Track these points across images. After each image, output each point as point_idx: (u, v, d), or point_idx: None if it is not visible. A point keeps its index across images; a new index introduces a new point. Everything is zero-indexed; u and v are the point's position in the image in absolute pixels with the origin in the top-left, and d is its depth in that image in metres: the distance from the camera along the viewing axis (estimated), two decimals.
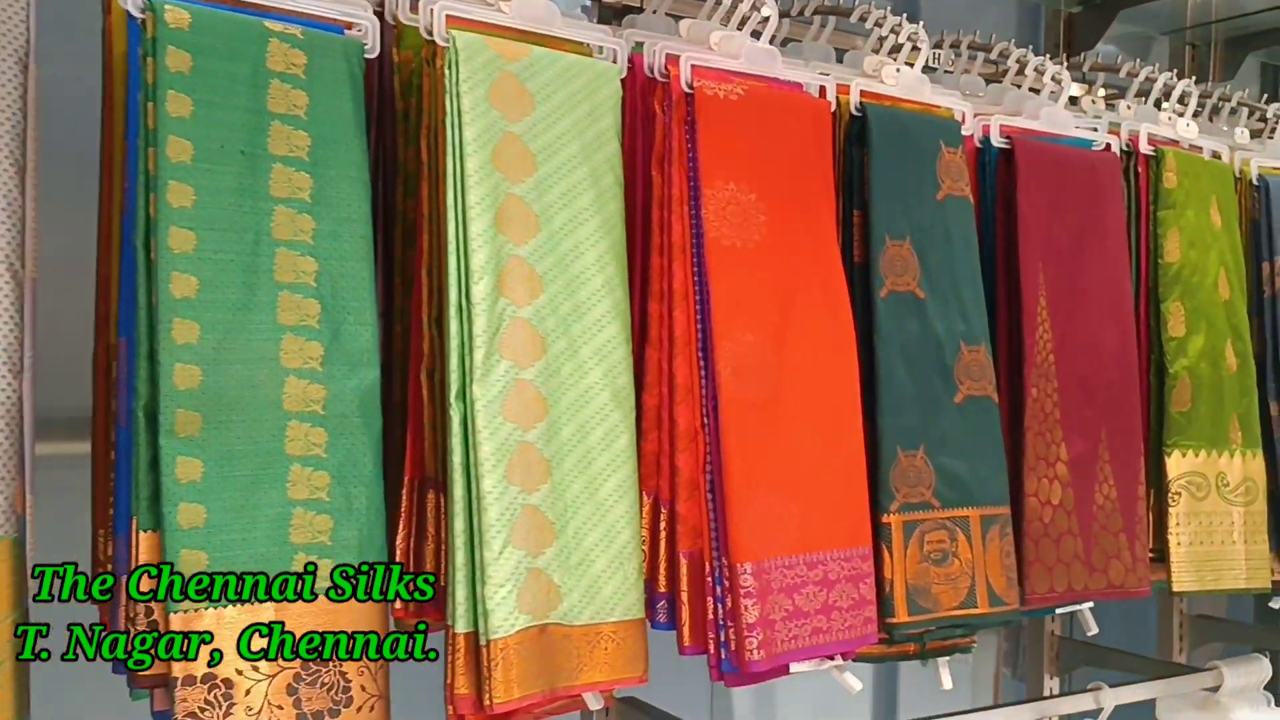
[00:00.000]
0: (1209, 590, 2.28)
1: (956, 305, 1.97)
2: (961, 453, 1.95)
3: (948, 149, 2.00)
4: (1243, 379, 2.36)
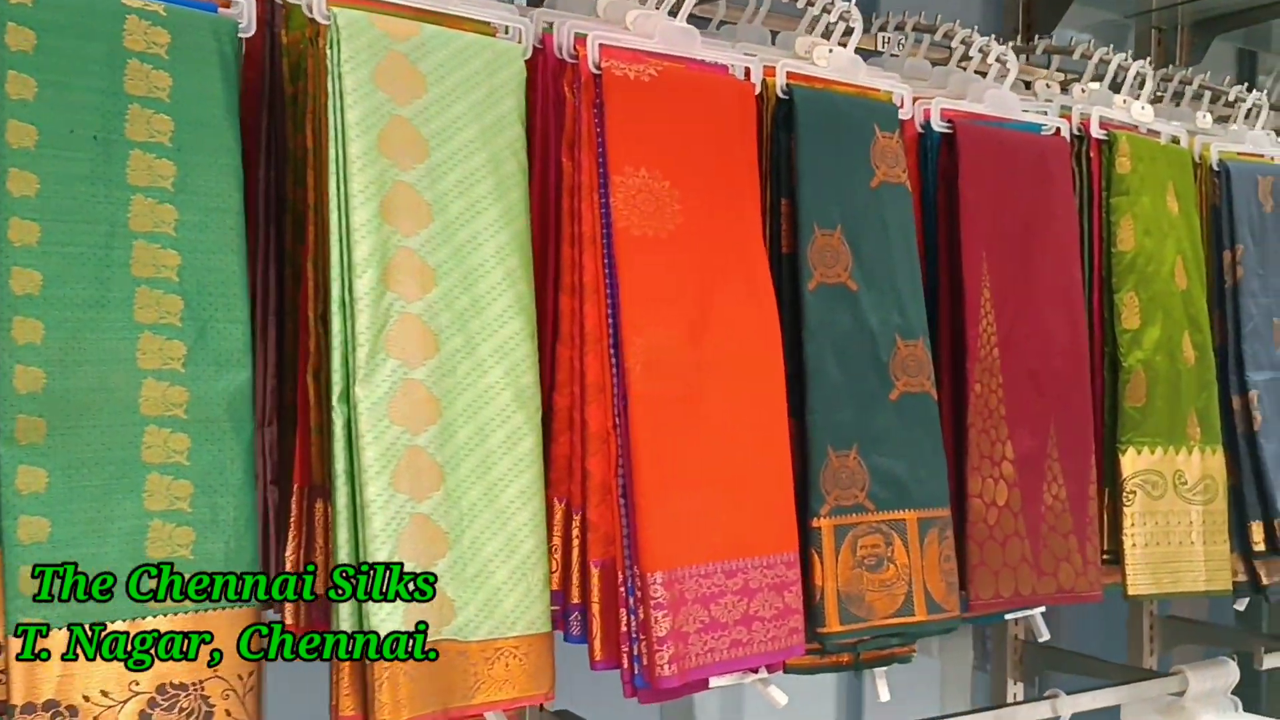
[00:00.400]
0: (1166, 593, 2.19)
1: (892, 297, 1.88)
2: (898, 452, 1.85)
3: (883, 133, 1.91)
4: (1201, 372, 2.26)
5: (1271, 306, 2.42)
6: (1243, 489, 2.35)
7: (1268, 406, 2.37)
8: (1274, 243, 2.45)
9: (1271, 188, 2.45)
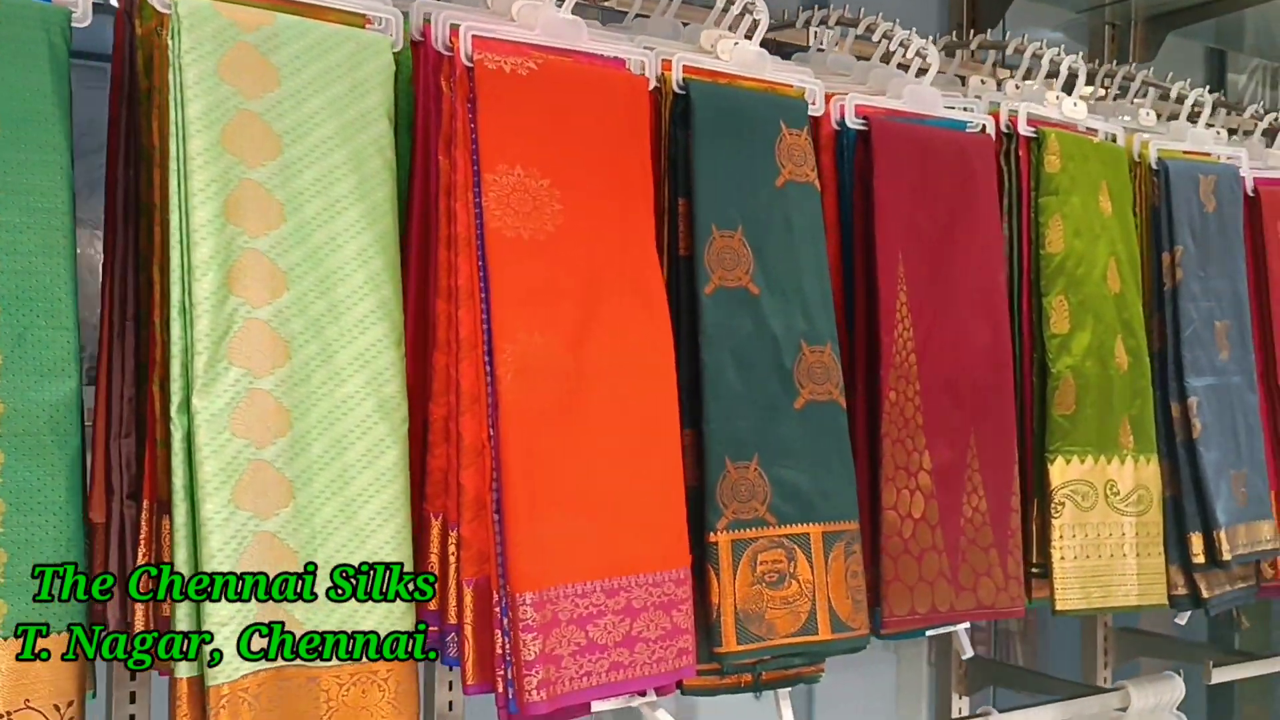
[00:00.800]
0: (1096, 608, 2.10)
1: (798, 302, 1.80)
2: (802, 463, 1.77)
3: (790, 130, 1.83)
4: (1135, 378, 2.18)
5: (1213, 310, 2.34)
6: (1182, 500, 2.27)
7: (1208, 414, 2.28)
8: (1216, 244, 2.36)
9: (1214, 187, 2.37)
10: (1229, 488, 2.30)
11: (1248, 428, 2.37)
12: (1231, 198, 2.41)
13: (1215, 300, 2.34)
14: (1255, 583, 2.41)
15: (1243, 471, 2.34)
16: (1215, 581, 2.30)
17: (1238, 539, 2.30)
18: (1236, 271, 2.40)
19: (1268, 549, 2.37)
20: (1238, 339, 2.38)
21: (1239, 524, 2.31)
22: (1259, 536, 2.35)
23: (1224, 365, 2.35)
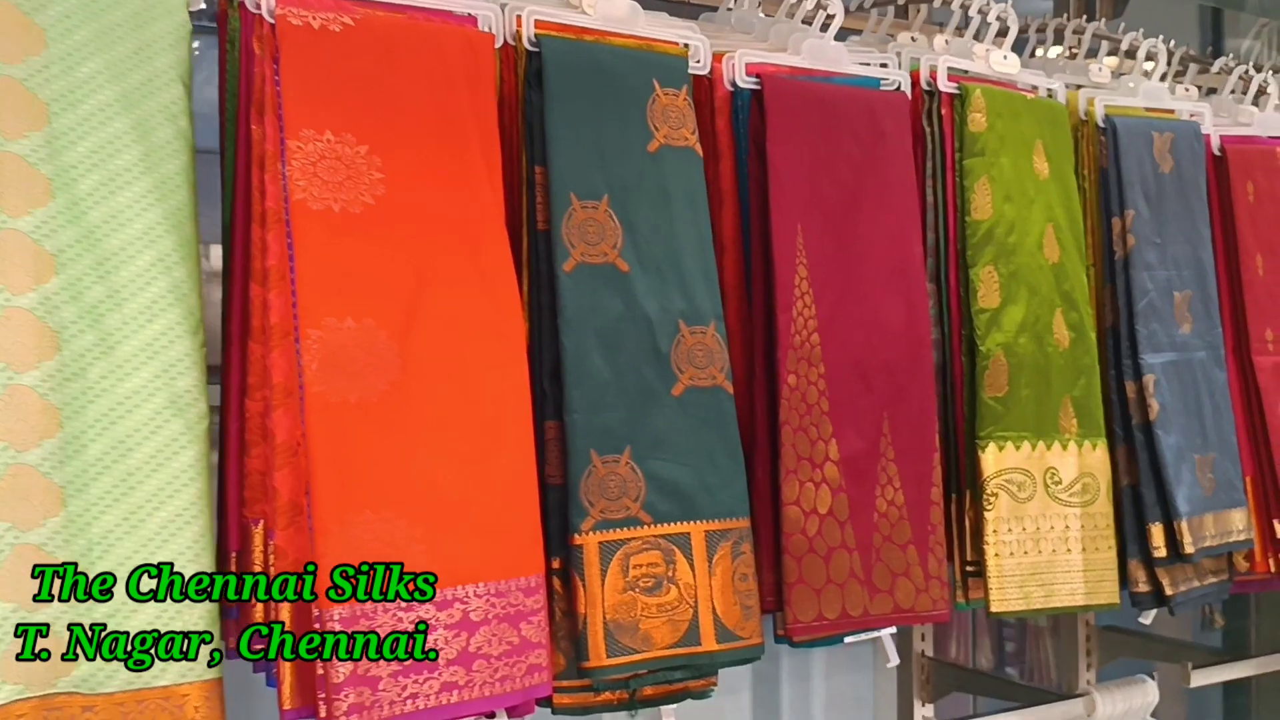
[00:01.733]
0: (1037, 610, 1.91)
1: (675, 278, 1.63)
2: (682, 455, 1.60)
3: (665, 90, 1.66)
4: (1077, 356, 1.99)
5: (1172, 279, 2.14)
6: (1140, 488, 2.08)
7: (1167, 393, 2.09)
8: (1175, 207, 2.17)
9: (1171, 146, 2.17)
10: (1192, 474, 2.10)
11: (1214, 407, 2.17)
12: (1192, 157, 2.21)
13: (1174, 268, 2.15)
14: (1228, 577, 2.20)
15: (1209, 456, 2.14)
16: (1180, 577, 2.11)
17: (1204, 530, 2.10)
18: (1198, 237, 2.19)
19: (1239, 540, 2.17)
20: (1201, 310, 2.18)
21: (1205, 513, 2.11)
22: (1229, 527, 2.15)
23: (1185, 339, 2.15)
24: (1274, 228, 2.32)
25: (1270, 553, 2.25)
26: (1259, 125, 2.38)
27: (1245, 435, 2.26)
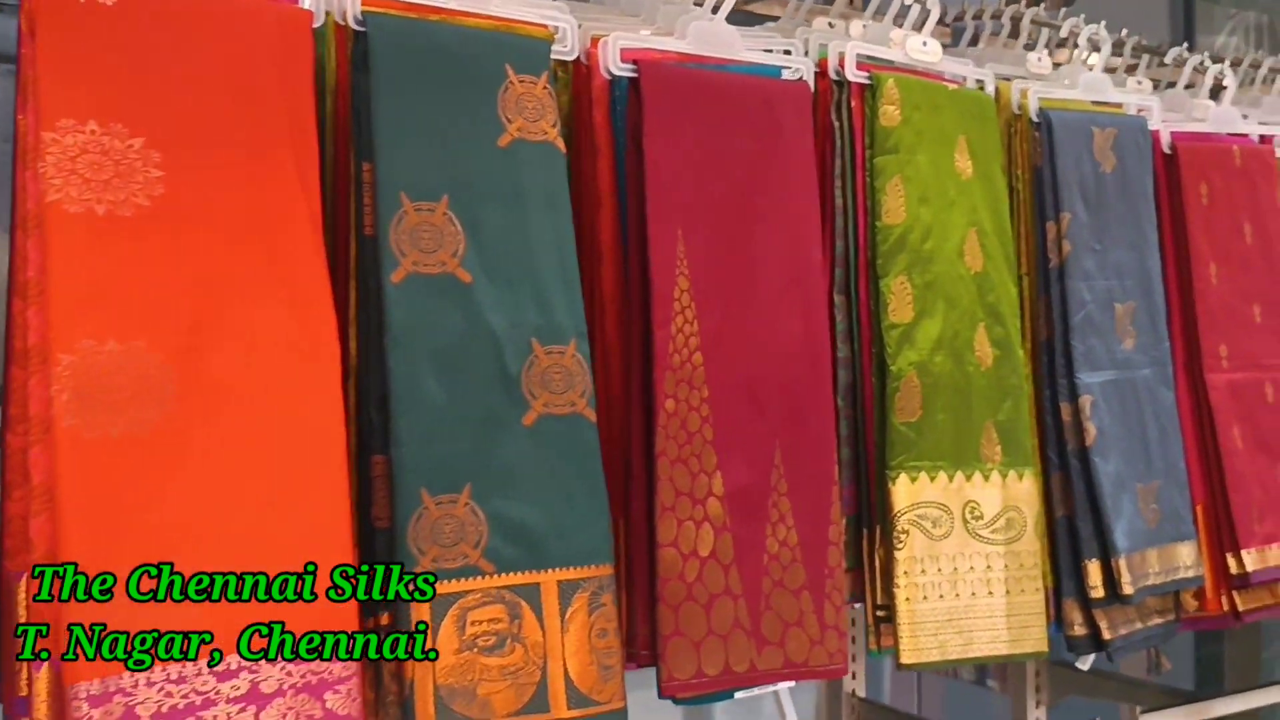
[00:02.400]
0: (954, 660, 1.71)
1: (529, 290, 1.43)
2: (533, 494, 1.41)
3: (521, 77, 1.46)
4: (1002, 376, 1.79)
5: (1113, 289, 1.95)
6: (1076, 521, 1.88)
7: (1106, 416, 1.89)
8: (1117, 210, 1.97)
9: (1113, 142, 1.98)
10: (1134, 505, 1.90)
11: (1160, 430, 1.97)
12: (1137, 155, 2.01)
13: (1116, 278, 1.95)
14: (1175, 617, 2.00)
15: (1154, 484, 1.94)
16: (1120, 619, 1.91)
17: (1146, 567, 1.90)
18: (1144, 242, 2.00)
19: (1187, 577, 1.97)
20: (1146, 324, 1.98)
21: (1148, 548, 1.91)
22: (1176, 562, 1.96)
23: (1128, 356, 1.95)
24: (1230, 233, 2.12)
25: (1223, 590, 2.06)
26: (1215, 121, 2.18)
27: (1197, 461, 2.06)
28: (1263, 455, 2.09)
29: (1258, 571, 2.02)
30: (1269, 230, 2.17)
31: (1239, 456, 2.06)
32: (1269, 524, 2.06)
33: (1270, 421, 2.11)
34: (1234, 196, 2.14)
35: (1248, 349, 2.11)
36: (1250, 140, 2.22)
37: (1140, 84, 2.30)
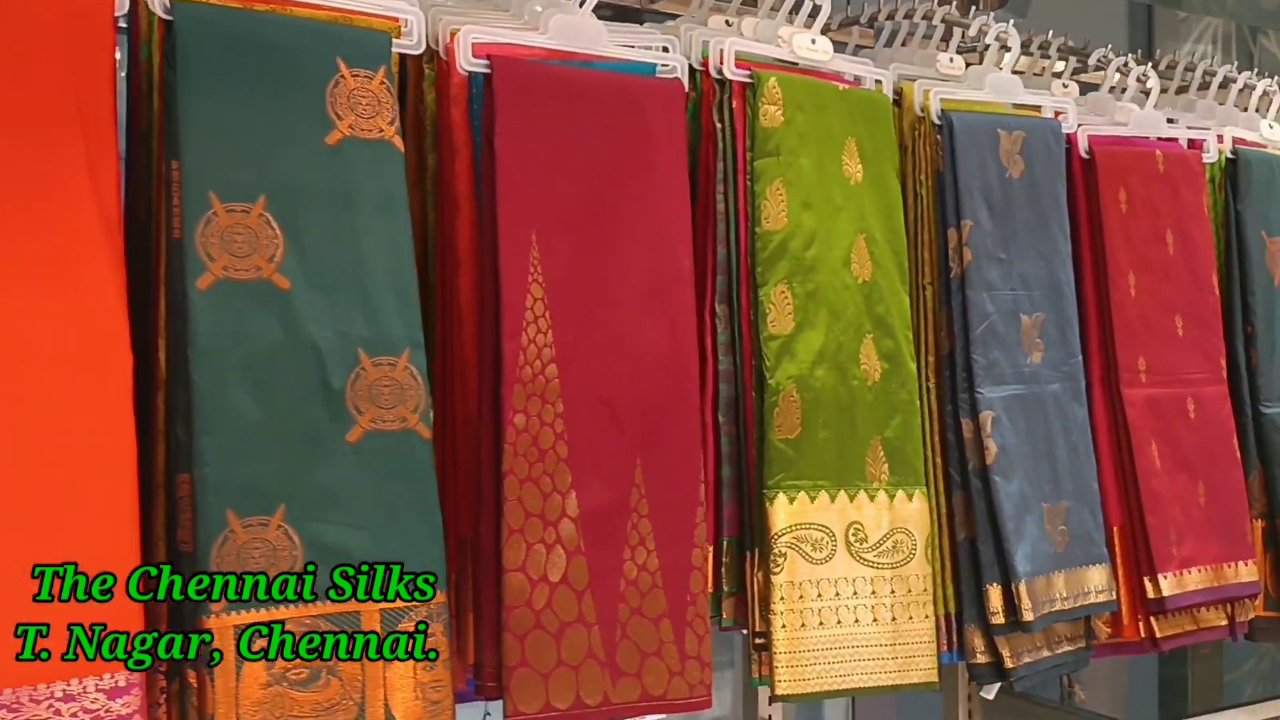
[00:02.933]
0: (835, 691, 1.62)
1: (357, 298, 1.34)
2: (356, 516, 1.31)
3: (354, 71, 1.37)
4: (891, 390, 1.70)
5: (1020, 300, 1.85)
6: (978, 543, 1.79)
7: (1009, 432, 1.80)
8: (1025, 217, 1.88)
9: (1021, 145, 1.88)
10: (1039, 527, 1.81)
11: (1071, 448, 1.88)
12: (1049, 159, 1.92)
13: (1023, 288, 1.86)
14: (1086, 644, 1.91)
15: (1062, 505, 1.85)
16: (1024, 646, 1.81)
17: (1052, 592, 1.81)
18: (1054, 251, 1.90)
19: (1099, 601, 1.87)
20: (1056, 337, 1.89)
21: (1054, 572, 1.82)
22: (1085, 587, 1.86)
23: (1035, 370, 1.86)
24: (1151, 241, 2.03)
25: (1140, 615, 1.96)
26: (1138, 125, 2.09)
27: (1114, 481, 1.97)
28: (1184, 475, 2.00)
29: (1175, 596, 1.93)
30: (1193, 238, 2.07)
31: (1157, 476, 1.96)
32: (1188, 547, 1.96)
33: (1192, 439, 2.01)
34: (1156, 203, 2.04)
35: (1169, 362, 2.01)
36: (1178, 145, 2.13)
37: (1066, 87, 2.21)
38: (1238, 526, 2.04)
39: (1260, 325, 2.13)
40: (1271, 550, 2.12)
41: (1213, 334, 2.08)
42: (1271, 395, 2.12)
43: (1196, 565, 1.97)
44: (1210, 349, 2.07)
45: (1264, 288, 2.14)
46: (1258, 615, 2.10)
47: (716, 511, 1.64)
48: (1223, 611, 2.04)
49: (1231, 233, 2.16)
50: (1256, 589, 2.05)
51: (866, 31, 2.17)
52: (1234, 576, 2.02)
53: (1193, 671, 3.68)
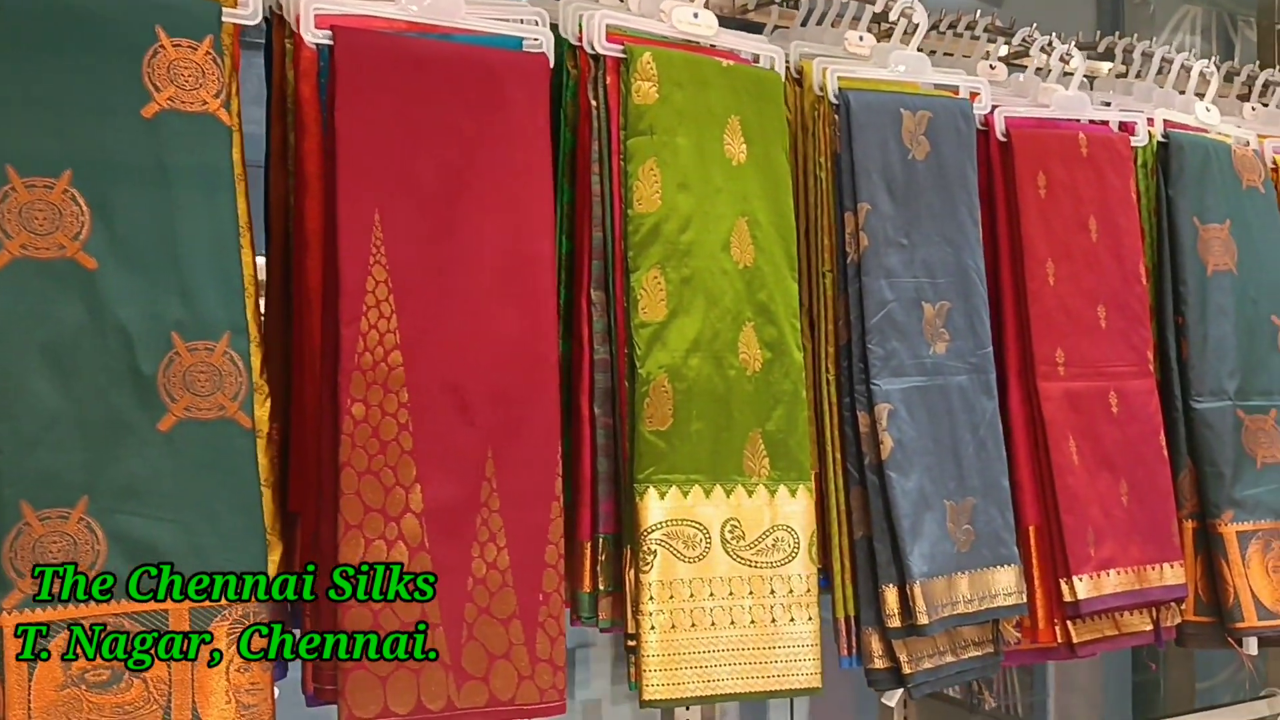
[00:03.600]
0: (708, 697, 1.54)
1: (172, 279, 1.28)
2: (167, 509, 1.25)
3: (175, 40, 1.30)
4: (773, 381, 1.61)
5: (922, 288, 1.77)
6: (875, 541, 1.70)
7: (907, 426, 1.71)
8: (930, 201, 1.79)
9: (926, 126, 1.80)
10: (941, 525, 1.72)
11: (978, 444, 1.79)
12: (958, 141, 1.83)
13: (926, 275, 1.77)
14: (995, 649, 1.82)
15: (967, 502, 1.76)
16: (924, 651, 1.72)
17: (954, 594, 1.72)
18: (963, 237, 1.82)
19: (1007, 604, 1.78)
20: (964, 326, 1.80)
21: (956, 573, 1.73)
22: (992, 589, 1.77)
23: (939, 361, 1.77)
24: (1071, 227, 1.94)
25: (1057, 618, 1.87)
26: (1061, 106, 2.00)
27: (1030, 478, 1.88)
28: (1105, 472, 1.90)
29: (1091, 600, 1.83)
30: (1119, 225, 1.98)
31: (1074, 473, 1.87)
32: (1108, 548, 1.87)
33: (1115, 435, 1.92)
34: (1078, 188, 1.95)
35: (1089, 355, 1.92)
36: (1106, 128, 2.04)
37: (993, 68, 2.12)
38: (1163, 527, 1.95)
39: (1192, 316, 2.03)
40: (1203, 552, 2.03)
41: (1139, 325, 1.98)
42: (1203, 389, 2.02)
43: (1116, 567, 1.87)
44: (1137, 340, 1.98)
45: (1196, 277, 2.04)
46: (1187, 620, 2.01)
47: (593, 507, 1.57)
48: (1147, 616, 1.95)
49: (1163, 219, 2.07)
50: (1183, 592, 1.95)
51: (789, 13, 2.10)
52: (1158, 579, 1.92)
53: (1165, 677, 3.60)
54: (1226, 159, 2.13)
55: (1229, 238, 2.09)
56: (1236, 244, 2.09)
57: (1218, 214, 2.08)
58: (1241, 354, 2.06)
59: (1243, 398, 2.05)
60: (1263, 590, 2.01)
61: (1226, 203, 2.10)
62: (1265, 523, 2.03)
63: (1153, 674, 3.59)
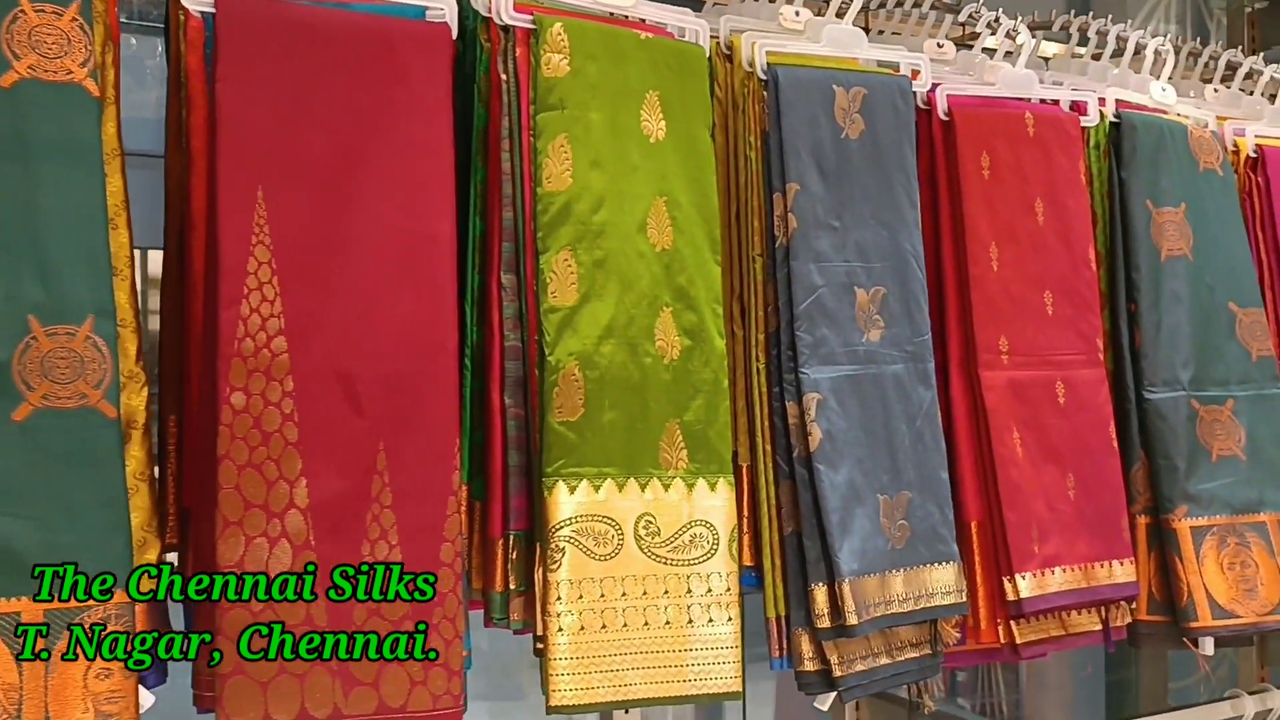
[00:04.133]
0: (619, 702, 1.46)
1: (30, 259, 1.20)
2: (19, 506, 1.18)
3: (38, 6, 1.23)
4: (693, 370, 1.53)
5: (855, 273, 1.69)
6: (804, 538, 1.62)
7: (837, 417, 1.63)
8: (864, 181, 1.71)
9: (861, 103, 1.72)
10: (873, 520, 1.65)
11: (915, 435, 1.71)
12: (895, 119, 1.75)
13: (859, 259, 1.69)
14: (933, 650, 1.74)
15: (902, 497, 1.68)
16: (855, 652, 1.64)
17: (887, 592, 1.64)
18: (899, 220, 1.74)
19: (945, 604, 1.71)
20: (900, 313, 1.72)
21: (889, 571, 1.65)
22: (929, 587, 1.69)
23: (873, 349, 1.69)
24: (1016, 209, 1.86)
25: (1000, 618, 1.79)
26: (1007, 85, 1.92)
27: (972, 471, 1.80)
28: (1051, 465, 1.83)
29: (1034, 599, 1.76)
30: (1068, 208, 1.90)
31: (1018, 466, 1.79)
32: (1053, 544, 1.79)
33: (1062, 426, 1.84)
34: (1024, 169, 1.87)
35: (1035, 342, 1.84)
36: (1056, 108, 1.96)
37: (941, 46, 2.05)
38: (1113, 522, 1.87)
39: (1145, 302, 1.95)
40: (1156, 549, 1.95)
41: (1088, 311, 1.91)
42: (1156, 379, 1.95)
43: (1062, 565, 1.80)
44: (1085, 328, 1.90)
45: (1149, 262, 1.96)
46: (1140, 620, 1.93)
47: (504, 502, 1.49)
48: (1096, 616, 1.87)
49: (1115, 202, 1.99)
50: (1134, 591, 1.87)
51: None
52: (1107, 577, 1.85)
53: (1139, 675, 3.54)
54: (1183, 140, 2.06)
55: (1184, 221, 2.01)
56: (1192, 228, 2.02)
57: (1173, 197, 2.01)
58: (1196, 342, 1.98)
59: (1197, 388, 1.97)
60: (1217, 588, 1.93)
61: (1182, 185, 2.02)
62: (1220, 518, 1.95)
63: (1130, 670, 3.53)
